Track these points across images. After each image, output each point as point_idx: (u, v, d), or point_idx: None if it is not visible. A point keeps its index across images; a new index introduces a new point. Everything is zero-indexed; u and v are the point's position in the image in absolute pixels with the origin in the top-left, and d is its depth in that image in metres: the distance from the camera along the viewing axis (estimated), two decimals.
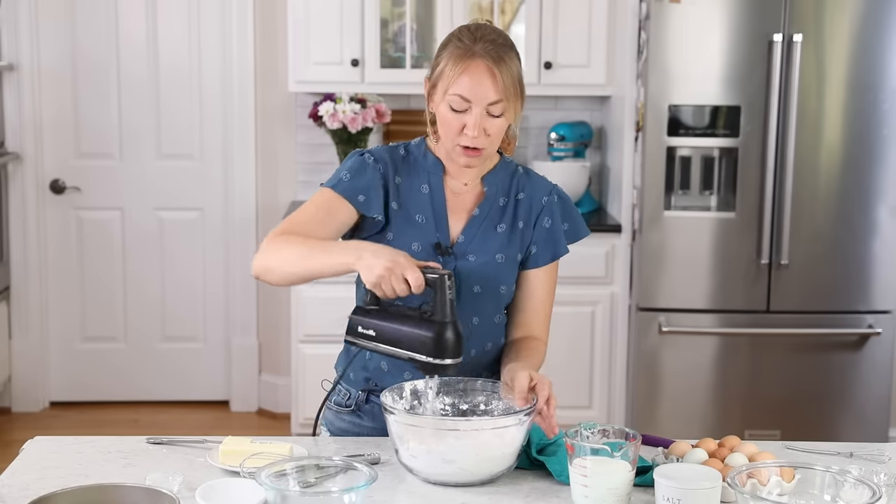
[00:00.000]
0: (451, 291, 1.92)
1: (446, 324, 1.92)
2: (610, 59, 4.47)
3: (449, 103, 2.07)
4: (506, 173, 2.23)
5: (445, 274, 1.91)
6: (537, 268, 2.23)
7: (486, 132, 2.07)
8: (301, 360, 4.35)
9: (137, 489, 1.71)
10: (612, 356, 4.40)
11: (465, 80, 2.05)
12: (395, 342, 1.97)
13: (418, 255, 2.13)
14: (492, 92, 2.05)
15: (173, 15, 4.82)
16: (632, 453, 1.77)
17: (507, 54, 2.08)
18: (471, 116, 2.06)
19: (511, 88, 2.07)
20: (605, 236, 4.35)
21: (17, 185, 4.82)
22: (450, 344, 1.92)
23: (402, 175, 2.19)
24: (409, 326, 1.95)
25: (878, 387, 4.22)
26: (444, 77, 2.08)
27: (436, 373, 1.94)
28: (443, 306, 1.92)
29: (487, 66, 2.05)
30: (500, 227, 2.20)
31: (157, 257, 4.96)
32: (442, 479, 1.88)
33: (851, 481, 1.70)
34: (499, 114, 2.07)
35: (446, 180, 2.20)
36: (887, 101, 4.07)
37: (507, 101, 2.06)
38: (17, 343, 4.92)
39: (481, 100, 2.05)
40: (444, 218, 2.18)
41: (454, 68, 2.06)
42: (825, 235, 4.14)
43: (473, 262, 2.16)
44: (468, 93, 2.05)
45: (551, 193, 2.24)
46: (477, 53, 2.06)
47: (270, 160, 4.87)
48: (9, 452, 3.00)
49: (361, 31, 4.43)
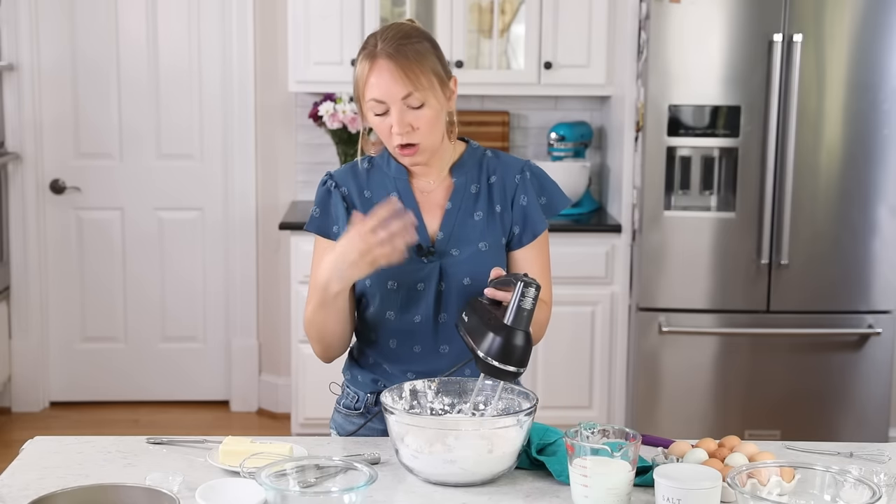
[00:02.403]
0: (528, 300, 1.91)
1: (517, 331, 1.91)
2: (610, 59, 4.47)
3: (371, 110, 2.08)
4: (473, 160, 2.22)
5: (525, 282, 1.91)
6: (522, 247, 2.21)
7: (412, 126, 2.06)
8: (301, 360, 4.35)
9: (137, 489, 1.71)
10: (612, 356, 4.40)
11: (373, 81, 2.06)
12: (475, 332, 1.96)
13: (403, 262, 2.12)
14: (399, 86, 2.04)
15: (173, 15, 4.82)
16: (632, 453, 1.77)
17: (408, 44, 2.06)
18: (390, 117, 2.06)
19: (421, 77, 2.05)
20: (605, 236, 4.35)
21: (17, 185, 4.82)
22: (517, 351, 1.91)
23: (370, 188, 2.19)
24: (490, 322, 1.95)
25: (878, 387, 4.22)
26: (358, 85, 2.10)
27: (497, 377, 1.93)
28: (516, 313, 1.91)
29: (387, 62, 2.05)
30: (477, 214, 2.18)
31: (157, 257, 4.96)
32: (442, 479, 1.88)
33: (851, 481, 1.70)
34: (418, 105, 2.06)
35: (413, 182, 2.20)
36: (887, 101, 4.07)
37: (421, 90, 2.05)
38: (17, 343, 4.92)
39: (393, 97, 2.05)
40: (419, 219, 2.16)
41: (362, 74, 2.08)
42: (825, 235, 4.14)
43: (458, 256, 2.15)
44: (379, 94, 2.06)
45: (523, 171, 2.21)
46: (378, 53, 2.06)
47: (270, 160, 4.87)
48: (9, 452, 3.00)
49: (361, 31, 4.43)
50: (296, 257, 4.34)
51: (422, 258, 2.14)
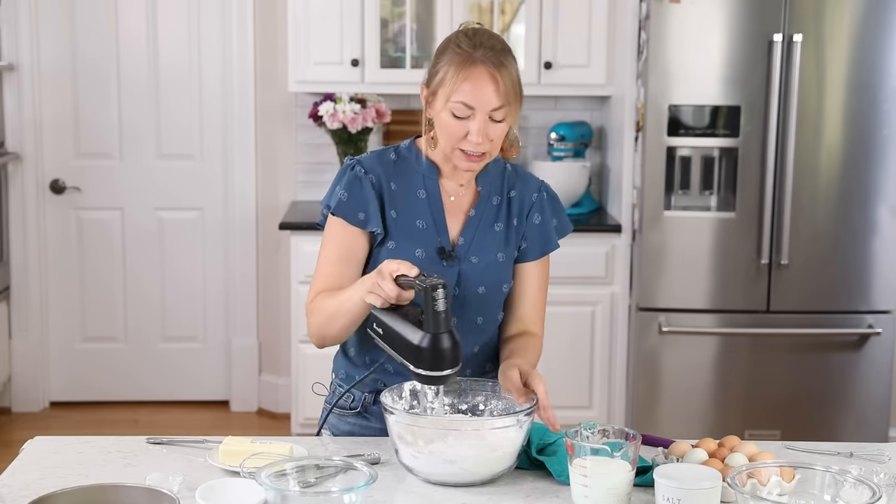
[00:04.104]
0: (440, 301, 1.84)
1: (437, 335, 1.85)
2: (610, 59, 4.47)
3: (451, 110, 2.07)
4: (496, 172, 2.24)
5: (432, 285, 1.84)
6: (527, 262, 2.23)
7: (488, 137, 2.08)
8: (301, 360, 4.35)
9: (137, 489, 1.71)
10: (612, 356, 4.40)
11: (468, 87, 2.05)
12: (396, 345, 1.93)
13: (422, 261, 2.12)
14: (494, 98, 2.05)
15: (173, 15, 4.82)
16: (632, 453, 1.77)
17: (507, 59, 2.08)
18: (474, 123, 2.06)
19: (512, 93, 2.07)
20: (605, 236, 4.35)
21: (17, 185, 4.82)
22: (446, 354, 1.86)
23: (396, 180, 2.19)
24: (407, 332, 1.89)
25: (878, 387, 4.22)
26: (446, 84, 2.07)
27: (428, 383, 1.90)
28: (433, 318, 1.85)
29: (490, 72, 2.05)
30: (497, 226, 2.20)
31: (157, 257, 4.96)
32: (442, 479, 1.88)
33: (851, 481, 1.70)
34: (501, 119, 2.07)
35: (442, 183, 2.20)
36: (887, 101, 4.07)
37: (509, 105, 2.07)
38: (17, 343, 4.92)
39: (484, 106, 2.05)
40: (444, 221, 2.18)
41: (456, 75, 2.06)
42: (825, 235, 4.14)
43: (477, 264, 2.17)
44: (471, 100, 2.05)
45: (540, 190, 2.25)
46: (478, 60, 2.05)
47: (270, 160, 4.87)
48: (9, 452, 3.00)
49: (361, 31, 4.43)
50: (296, 257, 4.34)
51: (442, 261, 2.15)
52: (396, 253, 2.13)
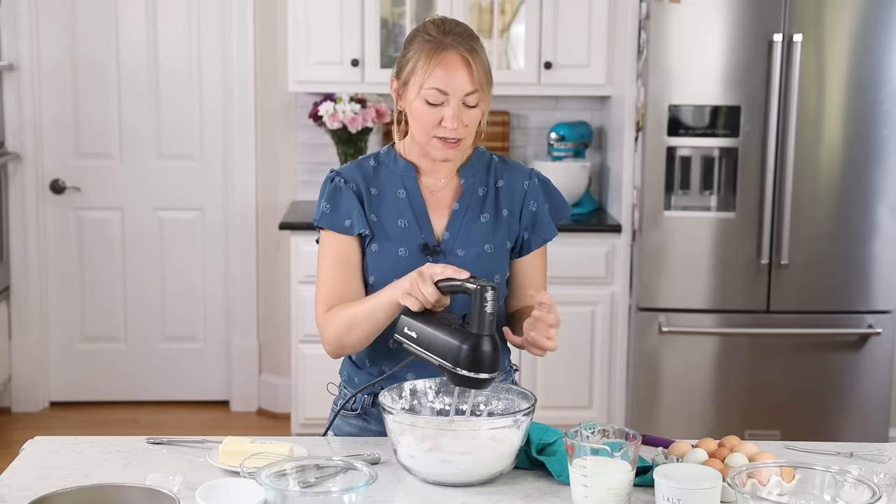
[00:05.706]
0: (489, 304, 1.86)
1: (482, 337, 1.87)
2: (610, 59, 4.47)
3: (425, 97, 2.08)
4: (481, 164, 2.25)
5: (483, 286, 1.87)
6: (529, 253, 2.24)
7: (463, 122, 2.09)
8: (301, 360, 4.35)
9: (137, 489, 1.71)
10: (612, 356, 4.40)
11: (440, 72, 2.06)
12: (434, 348, 1.93)
13: (405, 259, 2.13)
14: (468, 83, 2.07)
15: (173, 15, 4.82)
16: (632, 453, 1.77)
17: (477, 45, 2.11)
18: (448, 108, 2.07)
19: (485, 79, 2.10)
20: (605, 236, 4.36)
21: (17, 185, 4.82)
22: (486, 357, 1.87)
23: (375, 185, 2.20)
24: (447, 334, 1.90)
25: (878, 387, 4.22)
26: (417, 72, 2.08)
27: (469, 386, 1.90)
28: (479, 319, 1.87)
29: (462, 56, 2.07)
30: (484, 216, 2.20)
31: (157, 257, 4.96)
32: (440, 479, 1.88)
33: (851, 481, 1.70)
34: (474, 104, 2.09)
35: (421, 180, 2.21)
36: (887, 101, 4.07)
37: (482, 91, 2.09)
38: (17, 343, 4.92)
39: (458, 91, 2.07)
40: (426, 218, 2.18)
41: (427, 62, 2.07)
42: (825, 235, 4.14)
43: (463, 257, 2.16)
44: (444, 85, 2.06)
45: (531, 177, 2.25)
46: (449, 45, 2.07)
47: (270, 160, 4.87)
48: (9, 452, 3.00)
49: (361, 31, 4.44)
50: (296, 257, 4.34)
51: (427, 257, 2.15)
52: (380, 255, 2.15)
